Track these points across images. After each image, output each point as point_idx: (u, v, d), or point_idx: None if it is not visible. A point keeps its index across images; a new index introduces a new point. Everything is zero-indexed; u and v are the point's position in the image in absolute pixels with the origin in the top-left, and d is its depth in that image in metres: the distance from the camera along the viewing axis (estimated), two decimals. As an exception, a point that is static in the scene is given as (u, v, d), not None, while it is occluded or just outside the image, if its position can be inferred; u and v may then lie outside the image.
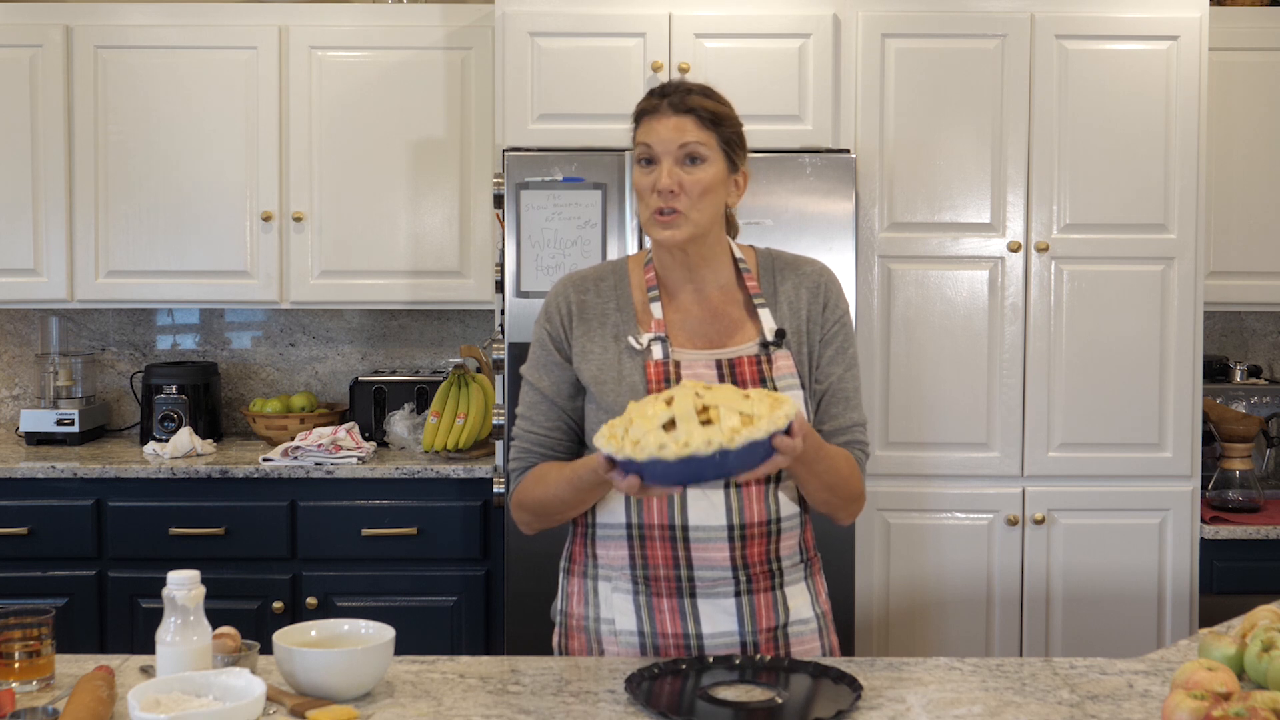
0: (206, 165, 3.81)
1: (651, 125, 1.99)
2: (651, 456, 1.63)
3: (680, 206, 1.96)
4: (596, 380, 1.99)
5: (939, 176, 3.45)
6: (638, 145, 2.01)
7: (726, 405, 1.66)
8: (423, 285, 3.84)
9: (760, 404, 1.68)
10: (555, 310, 2.07)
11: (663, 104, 1.99)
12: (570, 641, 2.06)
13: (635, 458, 1.64)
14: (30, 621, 1.80)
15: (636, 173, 2.01)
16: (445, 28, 3.80)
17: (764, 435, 1.64)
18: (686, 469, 1.63)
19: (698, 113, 1.98)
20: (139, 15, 3.80)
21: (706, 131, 1.98)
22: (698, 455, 1.61)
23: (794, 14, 3.43)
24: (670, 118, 1.97)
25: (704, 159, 1.98)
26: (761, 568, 1.99)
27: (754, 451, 1.65)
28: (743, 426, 1.64)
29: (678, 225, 1.97)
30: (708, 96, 2.01)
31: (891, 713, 1.70)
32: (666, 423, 1.65)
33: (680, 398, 1.68)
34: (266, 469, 3.57)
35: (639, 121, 2.02)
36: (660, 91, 2.02)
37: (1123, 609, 3.47)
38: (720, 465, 1.63)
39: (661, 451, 1.62)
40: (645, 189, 1.99)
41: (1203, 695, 1.55)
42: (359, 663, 1.74)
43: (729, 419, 1.65)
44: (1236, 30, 3.70)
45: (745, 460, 1.65)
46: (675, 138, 1.96)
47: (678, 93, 2.00)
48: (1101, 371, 3.45)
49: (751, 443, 1.63)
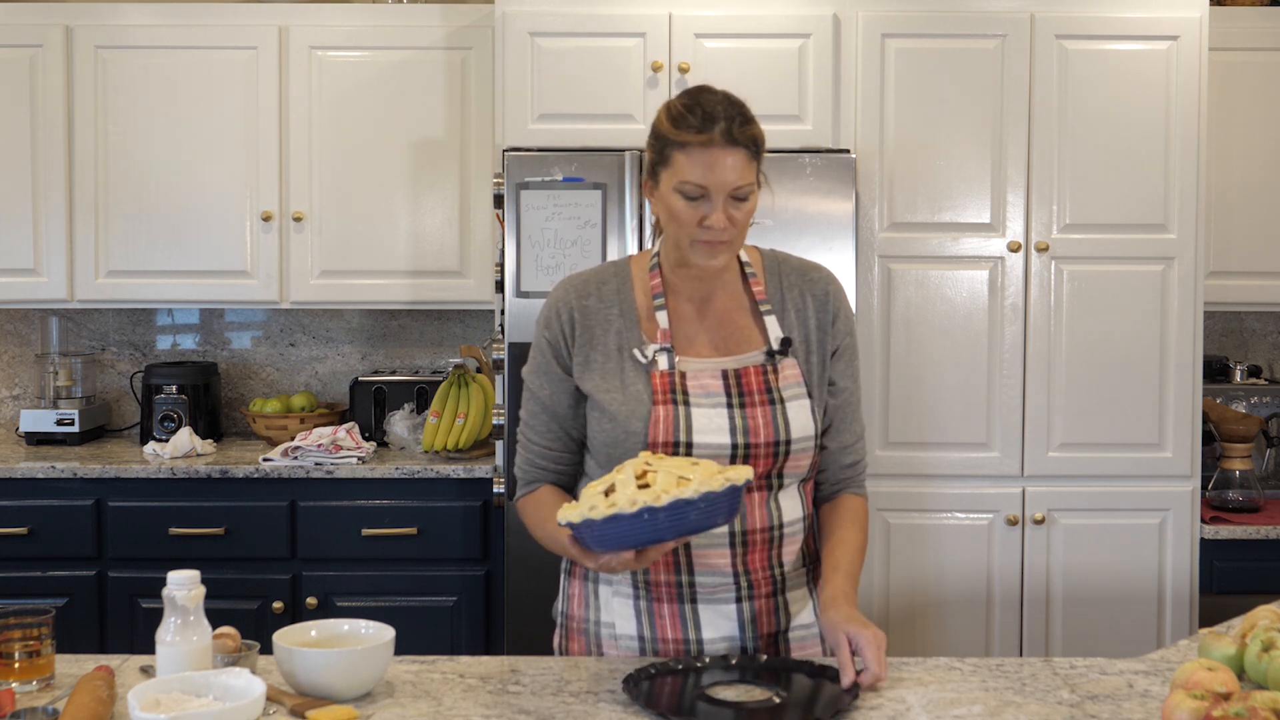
0: (206, 165, 3.81)
1: (705, 161, 1.87)
2: (584, 518, 1.70)
3: (729, 239, 1.92)
4: (600, 389, 1.97)
5: (939, 176, 3.45)
6: (683, 181, 1.88)
7: (666, 471, 1.73)
8: (423, 285, 3.84)
9: (704, 470, 1.73)
10: (555, 317, 2.02)
11: (715, 135, 1.87)
12: (570, 643, 2.06)
13: (571, 520, 1.72)
14: (30, 621, 1.80)
15: (676, 200, 1.90)
16: (445, 28, 3.80)
17: (693, 495, 1.68)
18: (616, 528, 1.69)
19: (749, 147, 1.90)
20: (139, 15, 3.80)
21: (753, 164, 1.91)
22: (622, 514, 1.68)
23: (794, 14, 3.43)
24: (725, 155, 1.87)
25: (751, 192, 1.92)
26: (763, 574, 1.98)
27: (684, 512, 1.68)
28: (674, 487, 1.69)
29: (723, 254, 1.94)
30: (749, 122, 1.91)
31: (891, 713, 1.70)
32: (609, 488, 1.73)
33: (627, 465, 1.76)
34: (266, 469, 3.57)
35: (683, 148, 1.88)
36: (707, 116, 1.88)
37: (1123, 609, 3.47)
38: (651, 525, 1.68)
39: (591, 512, 1.70)
40: (689, 220, 1.90)
41: (1203, 695, 1.55)
42: (359, 663, 1.74)
43: (665, 482, 1.70)
44: (1236, 30, 3.70)
45: (676, 521, 1.69)
46: (731, 180, 1.87)
47: (726, 119, 1.88)
48: (1101, 371, 3.45)
49: (679, 501, 1.67)
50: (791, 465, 1.97)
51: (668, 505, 1.68)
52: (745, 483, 1.74)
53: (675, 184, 1.90)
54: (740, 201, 1.91)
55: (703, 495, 1.68)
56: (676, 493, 1.68)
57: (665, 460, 1.77)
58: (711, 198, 1.89)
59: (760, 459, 1.94)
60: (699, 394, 1.95)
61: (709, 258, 1.93)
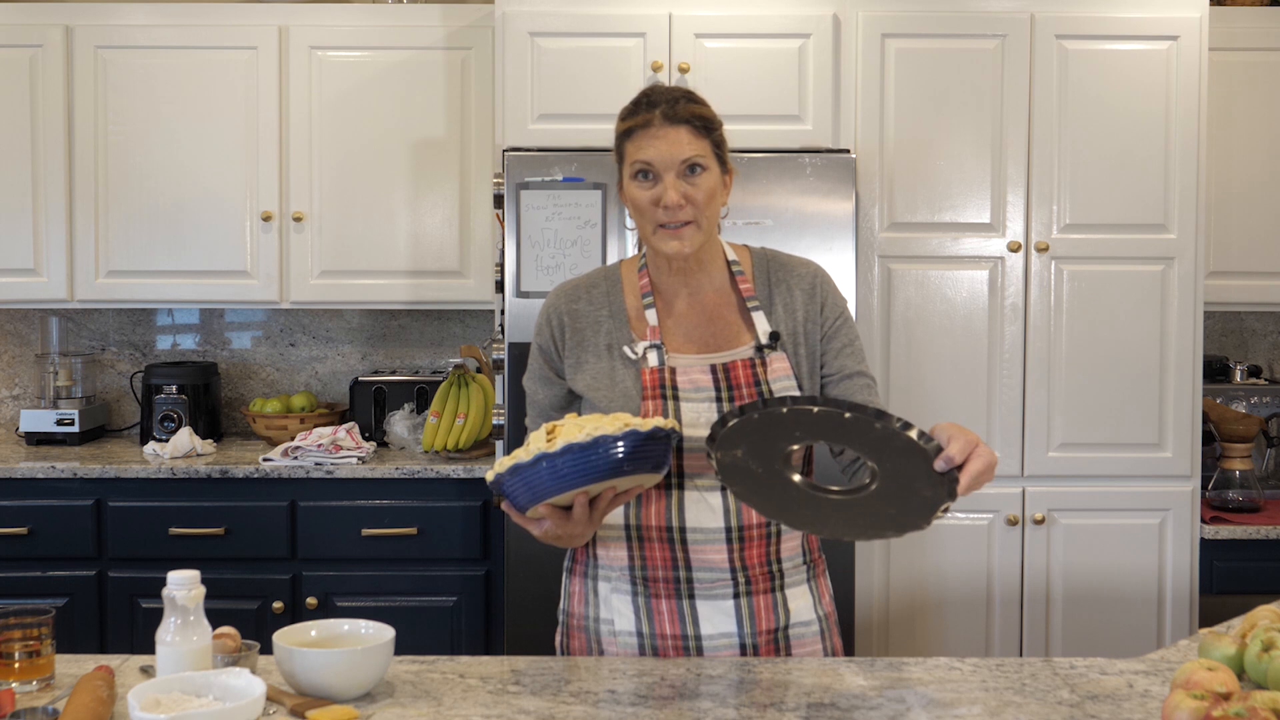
0: (206, 165, 3.82)
1: (647, 140, 1.94)
2: (495, 473, 1.78)
3: (688, 218, 1.94)
4: (591, 389, 2.00)
5: (939, 176, 3.45)
6: (632, 163, 1.96)
7: (573, 423, 1.77)
8: (423, 285, 3.84)
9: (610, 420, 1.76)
10: (546, 323, 2.06)
11: (654, 116, 1.94)
12: (571, 641, 2.06)
13: (487, 477, 1.80)
14: (30, 621, 1.80)
15: (632, 187, 1.97)
16: (445, 28, 3.80)
17: (585, 439, 1.71)
18: (521, 479, 1.75)
19: (692, 122, 1.94)
20: (139, 15, 3.80)
21: (701, 140, 1.95)
22: (521, 463, 1.74)
23: (794, 14, 3.43)
24: (666, 130, 1.93)
25: (704, 168, 1.95)
26: (761, 570, 1.99)
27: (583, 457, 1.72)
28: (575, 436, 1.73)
29: (688, 237, 1.95)
30: (694, 102, 1.97)
31: (891, 712, 1.70)
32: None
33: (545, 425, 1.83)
34: (266, 469, 3.57)
35: (629, 135, 1.96)
36: (647, 102, 1.97)
37: (1123, 609, 3.47)
38: (550, 472, 1.73)
39: (499, 466, 1.76)
40: (647, 205, 1.95)
41: (1203, 695, 1.55)
42: (359, 663, 1.74)
43: (568, 431, 1.74)
44: (1236, 30, 3.70)
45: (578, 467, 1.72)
46: (676, 153, 1.93)
47: (666, 102, 1.95)
48: (1101, 371, 3.45)
49: (572, 445, 1.71)
50: None
51: (560, 449, 1.71)
52: (653, 430, 1.76)
53: (630, 173, 1.97)
54: (694, 176, 1.94)
55: (596, 439, 1.71)
56: (565, 438, 1.71)
57: (583, 419, 1.79)
58: (660, 174, 1.93)
59: None
60: (688, 389, 1.97)
61: (672, 242, 1.95)
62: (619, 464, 1.74)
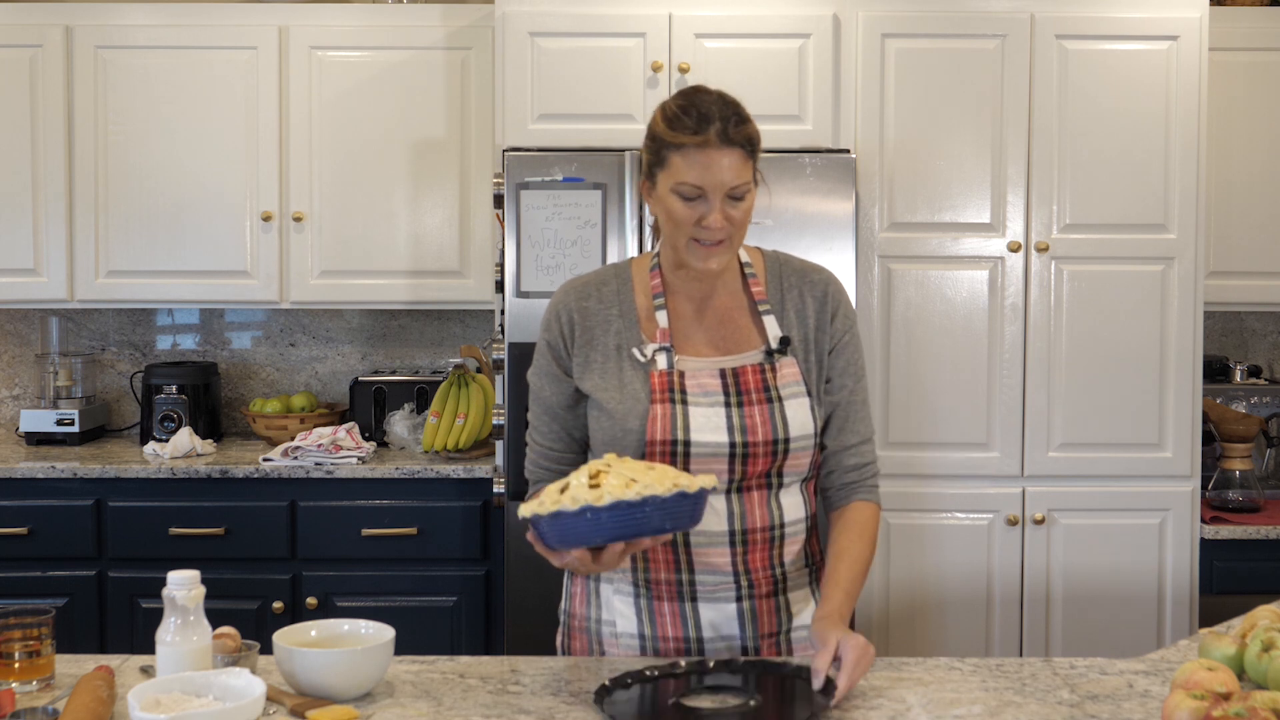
0: (207, 165, 3.82)
1: (701, 162, 1.87)
2: (533, 512, 1.72)
3: (725, 239, 1.92)
4: (599, 389, 1.97)
5: (939, 176, 3.45)
6: (679, 181, 1.88)
7: (618, 472, 1.73)
8: (423, 285, 3.84)
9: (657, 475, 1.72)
10: (555, 320, 2.03)
11: (710, 136, 1.87)
12: (572, 642, 2.06)
13: (523, 514, 1.74)
14: (30, 621, 1.80)
15: (671, 200, 1.90)
16: (445, 28, 3.80)
17: (634, 497, 1.68)
18: (560, 525, 1.71)
19: (744, 146, 1.90)
20: (139, 15, 3.80)
21: (749, 164, 1.91)
22: (565, 511, 1.69)
23: (794, 14, 3.43)
24: (721, 155, 1.87)
25: (748, 191, 1.92)
26: (764, 573, 1.98)
27: (628, 514, 1.68)
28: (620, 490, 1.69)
29: (722, 255, 1.93)
30: (745, 121, 1.91)
31: (891, 712, 1.70)
32: (564, 487, 1.75)
33: (585, 466, 1.77)
34: (266, 469, 3.57)
35: (679, 149, 1.88)
36: (700, 115, 1.88)
37: (1123, 609, 3.47)
38: (594, 524, 1.69)
39: (539, 508, 1.71)
40: (686, 221, 1.90)
41: (1203, 695, 1.55)
42: (359, 663, 1.74)
43: (613, 483, 1.71)
44: (1236, 30, 3.70)
45: (620, 522, 1.69)
46: (728, 179, 1.87)
47: (721, 119, 1.88)
48: (1101, 371, 3.45)
49: (620, 502, 1.67)
50: (791, 464, 1.97)
51: (609, 505, 1.68)
52: (699, 491, 1.74)
53: (672, 185, 1.90)
54: (737, 201, 1.91)
55: (646, 499, 1.69)
56: (619, 494, 1.68)
57: (625, 463, 1.77)
58: (709, 198, 1.89)
59: (759, 457, 1.94)
60: (697, 393, 1.95)
61: (705, 260, 1.93)
62: (661, 524, 1.73)
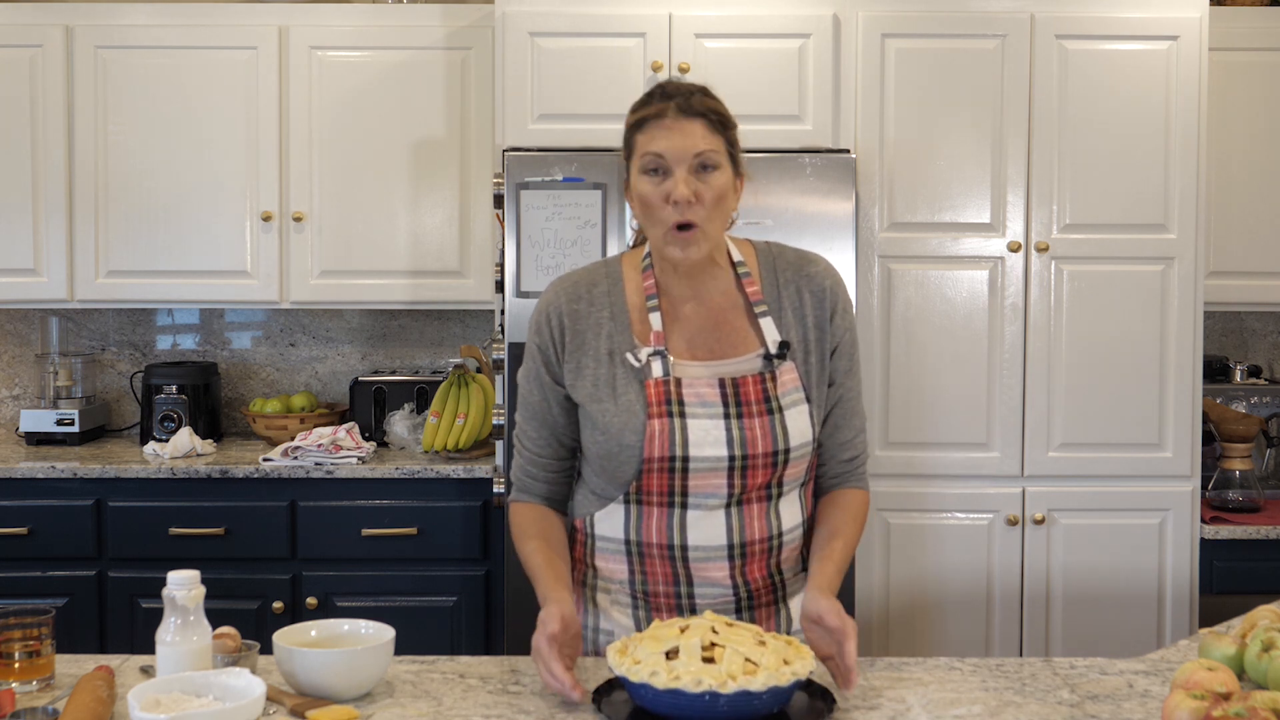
0: (207, 165, 3.82)
1: (659, 131, 1.85)
2: (642, 681, 1.64)
3: (697, 219, 1.85)
4: (592, 399, 1.92)
5: (939, 176, 3.45)
6: (642, 155, 1.86)
7: (735, 648, 1.66)
8: (423, 285, 3.84)
9: (772, 656, 1.66)
10: (546, 322, 1.97)
11: (669, 107, 1.85)
12: (570, 647, 2.04)
13: (629, 677, 1.65)
14: (30, 621, 1.80)
15: (642, 183, 1.87)
16: (445, 28, 3.80)
17: (760, 688, 1.62)
18: (674, 701, 1.62)
19: (707, 116, 1.86)
20: (139, 15, 3.80)
21: (716, 136, 1.86)
22: (684, 691, 1.61)
23: (794, 14, 3.43)
24: (681, 122, 1.84)
25: (716, 166, 1.86)
26: (763, 582, 1.96)
27: (746, 701, 1.62)
28: (743, 674, 1.63)
29: (697, 243, 1.86)
30: (710, 97, 1.90)
31: (891, 713, 1.70)
32: (671, 650, 1.66)
33: (694, 630, 1.69)
34: (266, 469, 3.57)
35: (640, 127, 1.87)
36: (662, 93, 1.88)
37: (1123, 609, 3.47)
38: (709, 707, 1.62)
39: (652, 678, 1.63)
40: (657, 201, 1.85)
41: (1203, 695, 1.55)
42: (359, 663, 1.74)
43: (732, 662, 1.64)
44: (1236, 30, 3.70)
45: (737, 707, 1.62)
46: (690, 145, 1.83)
47: (681, 94, 1.87)
48: (1101, 371, 3.45)
49: (744, 692, 1.61)
50: (790, 472, 1.94)
51: (732, 694, 1.61)
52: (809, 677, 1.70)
53: (639, 165, 1.88)
54: (706, 174, 1.86)
55: (769, 689, 1.62)
56: (744, 681, 1.61)
57: (733, 630, 1.69)
58: (672, 168, 1.85)
59: (759, 470, 1.90)
60: (695, 404, 1.89)
61: (684, 247, 1.86)
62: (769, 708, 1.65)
